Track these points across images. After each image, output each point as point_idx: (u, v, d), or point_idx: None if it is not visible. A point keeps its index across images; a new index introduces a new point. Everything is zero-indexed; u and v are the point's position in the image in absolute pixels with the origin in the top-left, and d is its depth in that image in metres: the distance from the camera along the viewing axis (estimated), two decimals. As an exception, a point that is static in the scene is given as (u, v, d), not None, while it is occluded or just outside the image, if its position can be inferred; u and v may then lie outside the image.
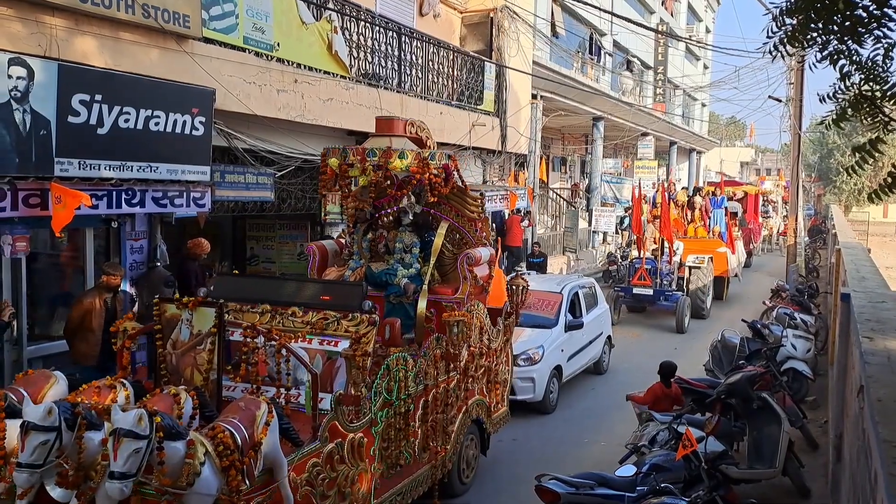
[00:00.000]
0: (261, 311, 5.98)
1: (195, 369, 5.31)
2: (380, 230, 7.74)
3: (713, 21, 45.69)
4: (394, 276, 7.43)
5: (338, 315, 5.83)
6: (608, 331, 12.78)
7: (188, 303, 5.38)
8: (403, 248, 7.59)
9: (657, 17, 32.76)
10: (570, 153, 30.01)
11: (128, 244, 8.87)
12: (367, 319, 5.76)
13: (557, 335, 10.71)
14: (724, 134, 68.21)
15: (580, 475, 6.22)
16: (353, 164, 6.97)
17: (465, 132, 15.37)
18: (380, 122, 7.48)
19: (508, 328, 8.32)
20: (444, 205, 7.72)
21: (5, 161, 6.92)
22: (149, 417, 4.10)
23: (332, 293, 6.24)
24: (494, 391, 8.00)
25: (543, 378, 10.05)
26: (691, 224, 20.46)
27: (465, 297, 7.36)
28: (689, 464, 6.17)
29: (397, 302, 7.38)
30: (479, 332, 7.45)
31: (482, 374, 7.65)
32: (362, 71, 12.15)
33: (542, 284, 11.84)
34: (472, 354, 7.33)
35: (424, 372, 6.53)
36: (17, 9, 6.97)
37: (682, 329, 15.61)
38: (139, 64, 8.15)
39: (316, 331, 5.82)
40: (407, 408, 6.27)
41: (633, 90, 30.39)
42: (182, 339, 5.39)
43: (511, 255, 18.28)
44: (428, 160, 6.96)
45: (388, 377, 6.01)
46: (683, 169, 39.30)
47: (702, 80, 39.23)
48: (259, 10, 9.82)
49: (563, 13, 23.17)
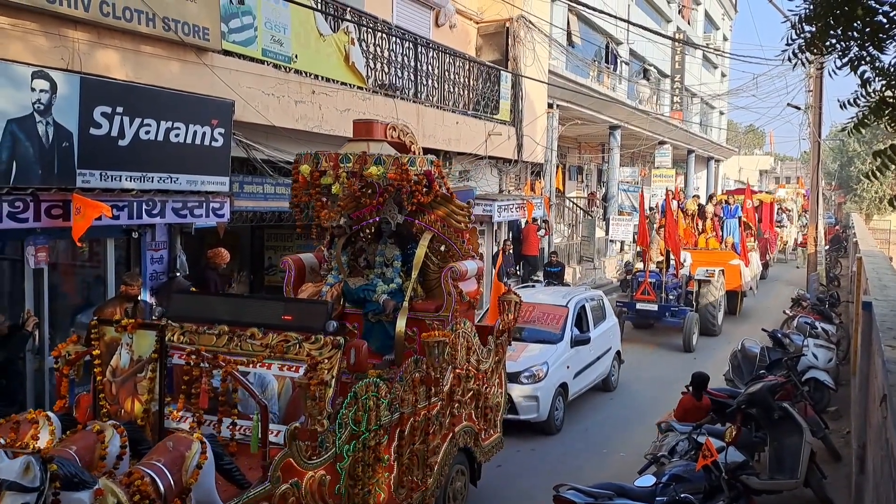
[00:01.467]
0: (218, 333, 5.46)
1: (135, 399, 4.85)
2: (359, 243, 7.23)
3: (730, 29, 45.53)
4: (373, 291, 6.88)
5: (300, 337, 5.28)
6: (617, 346, 12.26)
7: (127, 325, 4.91)
8: (384, 262, 7.06)
9: (674, 26, 32.70)
10: (586, 162, 29.93)
11: (148, 254, 8.95)
12: (331, 342, 5.20)
13: (563, 351, 10.21)
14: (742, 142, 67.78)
15: (598, 485, 6.17)
16: (326, 171, 6.44)
17: (481, 142, 15.41)
18: (357, 126, 6.90)
19: (501, 347, 7.64)
20: (429, 214, 7.13)
21: (29, 172, 7.03)
22: (41, 465, 3.40)
23: (295, 312, 5.66)
24: (485, 417, 7.37)
25: (548, 396, 9.55)
26: (702, 234, 19.46)
27: (450, 315, 6.76)
28: (710, 474, 6.11)
29: (376, 320, 6.84)
30: (466, 353, 6.82)
31: (470, 398, 7.02)
32: (379, 81, 12.22)
33: (547, 297, 11.41)
34: (458, 377, 6.69)
35: (400, 399, 5.92)
36: (40, 23, 7.09)
37: (690, 347, 14.70)
38: (160, 76, 8.25)
39: (276, 354, 5.26)
40: (378, 440, 5.64)
41: (650, 99, 30.31)
42: (122, 366, 4.91)
43: (528, 265, 18.25)
44: (407, 166, 6.38)
45: (356, 406, 5.39)
46: (701, 177, 39.08)
47: (719, 88, 39.07)
48: (277, 23, 9.92)
49: (578, 22, 23.18)
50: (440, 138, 13.95)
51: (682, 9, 34.35)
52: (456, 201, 7.18)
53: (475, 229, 7.55)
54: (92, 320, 5.21)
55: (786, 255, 32.57)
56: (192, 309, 5.92)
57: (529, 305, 10.64)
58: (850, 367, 10.62)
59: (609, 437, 9.76)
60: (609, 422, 10.43)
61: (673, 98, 31.79)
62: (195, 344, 5.30)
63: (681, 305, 15.37)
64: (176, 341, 5.43)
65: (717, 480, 6.06)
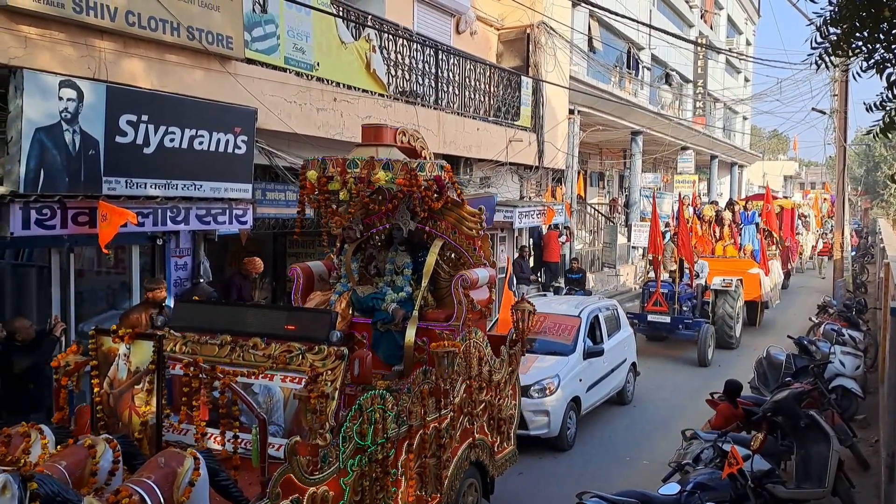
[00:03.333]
0: (220, 343, 5.33)
1: (133, 411, 4.72)
2: (369, 250, 7.07)
3: (754, 34, 45.17)
4: (382, 300, 6.68)
5: (303, 347, 5.12)
6: (633, 357, 11.80)
7: (124, 335, 4.79)
8: (394, 270, 6.86)
9: (696, 31, 32.52)
10: (608, 168, 29.82)
11: (172, 261, 9.04)
12: (335, 352, 5.01)
13: (575, 363, 9.84)
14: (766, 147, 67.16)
15: (622, 493, 6.12)
16: (333, 177, 6.23)
17: (502, 148, 15.41)
18: (366, 130, 6.68)
19: (514, 358, 7.40)
20: (440, 221, 7.00)
21: (56, 180, 7.14)
22: (21, 484, 3.24)
23: (298, 322, 5.47)
24: (498, 429, 7.14)
25: (559, 411, 9.19)
26: (720, 242, 18.65)
27: (461, 324, 6.55)
28: (735, 482, 6.03)
29: (385, 329, 6.63)
30: (478, 364, 6.61)
31: (483, 410, 6.80)
32: (400, 88, 12.27)
33: (559, 307, 11.06)
34: (469, 389, 6.51)
35: (408, 411, 5.70)
36: (68, 32, 7.21)
37: (705, 362, 13.94)
38: (184, 85, 8.35)
39: (278, 365, 5.10)
40: (385, 454, 5.44)
41: (673, 104, 30.15)
42: (120, 377, 4.79)
43: (549, 271, 18.20)
44: (417, 171, 6.16)
45: (361, 419, 5.18)
46: (725, 183, 38.78)
47: (743, 93, 38.74)
48: (300, 31, 10.01)
49: (600, 28, 23.14)
50: (461, 145, 13.97)
51: (704, 13, 34.15)
52: (468, 208, 7.00)
53: (487, 236, 7.17)
54: (90, 330, 5.12)
55: (802, 265, 30.75)
56: (195, 318, 5.76)
57: (540, 315, 10.33)
58: (878, 375, 10.46)
59: (632, 446, 9.68)
60: (631, 431, 10.35)
61: (696, 103, 31.57)
62: (197, 354, 5.19)
63: (696, 317, 14.67)
64: (178, 351, 5.33)
65: (743, 489, 5.99)
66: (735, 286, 15.70)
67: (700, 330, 14.19)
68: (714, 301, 15.43)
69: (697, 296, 15.16)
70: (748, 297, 16.71)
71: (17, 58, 6.81)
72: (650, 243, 15.27)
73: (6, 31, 6.73)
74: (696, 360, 14.06)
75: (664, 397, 11.93)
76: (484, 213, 6.97)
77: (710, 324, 14.74)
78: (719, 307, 15.44)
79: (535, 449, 9.14)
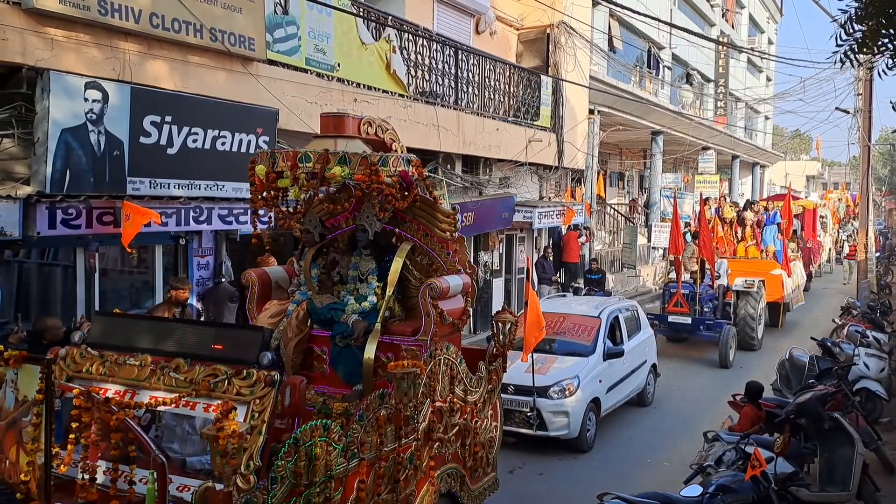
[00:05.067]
0: (140, 364, 4.58)
1: (21, 448, 4.10)
2: (332, 254, 6.31)
3: (776, 33, 44.73)
4: (342, 311, 5.91)
5: (230, 371, 4.35)
6: (653, 358, 11.67)
7: (10, 358, 4.17)
8: (358, 277, 6.08)
9: (717, 30, 32.26)
10: (628, 168, 29.67)
11: (195, 260, 9.13)
12: (265, 378, 4.25)
13: (595, 364, 9.72)
14: (788, 147, 66.47)
15: (643, 494, 6.09)
16: (283, 172, 5.45)
17: (522, 148, 15.39)
18: (325, 120, 5.86)
19: (495, 374, 6.53)
20: (411, 222, 6.25)
21: (81, 180, 7.24)
22: None
23: (225, 340, 4.70)
24: (474, 455, 6.30)
25: (579, 412, 9.09)
26: (741, 243, 18.46)
27: (429, 339, 5.78)
28: (758, 485, 5.98)
29: (344, 344, 5.84)
30: (449, 383, 5.82)
31: (456, 435, 5.99)
32: (420, 89, 12.30)
33: (579, 308, 10.89)
34: (438, 412, 5.70)
35: (360, 442, 4.88)
36: (93, 35, 7.31)
37: (726, 363, 13.77)
38: (207, 86, 8.43)
39: (200, 392, 4.28)
40: (329, 494, 4.62)
41: (694, 103, 29.92)
42: (7, 407, 4.20)
43: (568, 272, 18.15)
44: (378, 166, 5.33)
45: (297, 454, 4.33)
46: (746, 183, 38.41)
47: (765, 92, 38.38)
48: (321, 32, 10.06)
49: (620, 27, 23.03)
50: (480, 145, 13.98)
51: (725, 12, 33.87)
52: (441, 207, 6.25)
53: (462, 239, 6.44)
54: None
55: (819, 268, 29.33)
56: (116, 334, 4.96)
57: (560, 316, 10.46)
58: (903, 378, 10.32)
59: (652, 448, 9.62)
60: (652, 432, 10.27)
61: (717, 103, 31.30)
62: (115, 376, 4.54)
63: (717, 318, 14.63)
64: (94, 372, 4.63)
65: (766, 491, 5.93)
66: (757, 287, 15.58)
67: (721, 331, 14.08)
68: (736, 302, 15.31)
69: (719, 297, 15.07)
70: (770, 298, 16.57)
71: (43, 59, 6.92)
72: (671, 244, 15.20)
73: (33, 33, 6.84)
74: (718, 362, 13.96)
75: (686, 399, 11.84)
76: (458, 212, 6.32)
77: (731, 325, 14.62)
78: (741, 308, 15.33)
79: (554, 450, 9.12)
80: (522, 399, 8.98)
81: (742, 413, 8.02)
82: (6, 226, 6.80)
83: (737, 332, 14.68)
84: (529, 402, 8.90)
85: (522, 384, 8.92)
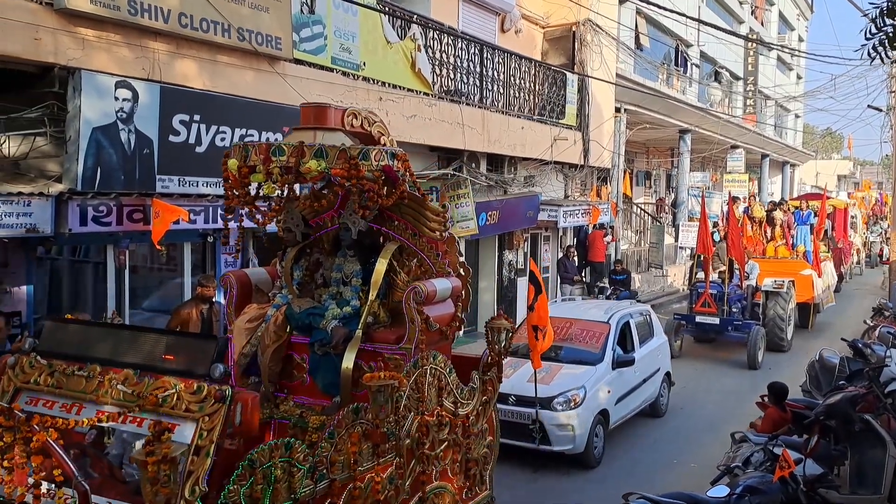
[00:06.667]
0: (88, 375, 4.17)
1: None
2: (315, 255, 5.88)
3: (806, 30, 44.04)
4: (321, 317, 5.43)
5: (179, 385, 3.95)
6: (667, 366, 11.03)
7: None
8: (342, 279, 5.63)
9: (746, 27, 31.87)
10: (655, 167, 29.42)
11: (222, 258, 9.23)
12: (215, 393, 3.85)
13: (603, 373, 9.15)
14: (819, 146, 65.46)
15: (669, 495, 6.03)
16: (256, 167, 5.03)
17: (547, 146, 15.33)
18: (305, 111, 5.37)
19: (489, 384, 5.95)
20: (399, 220, 5.80)
21: (112, 178, 7.36)
22: None
23: (177, 350, 4.28)
24: (466, 472, 5.81)
25: (585, 425, 8.54)
26: (770, 242, 18.02)
27: (413, 348, 5.29)
28: (787, 486, 5.90)
29: (323, 352, 5.37)
30: (436, 395, 5.34)
31: (445, 451, 5.48)
32: (444, 87, 12.31)
33: (586, 312, 10.28)
34: (425, 427, 5.22)
35: (329, 461, 4.41)
36: (123, 35, 7.42)
37: (755, 364, 13.60)
38: (234, 85, 8.52)
39: (146, 407, 3.86)
40: None
41: (722, 101, 29.58)
42: None
43: (594, 272, 18.06)
44: (358, 159, 4.87)
45: (253, 479, 3.91)
46: (776, 182, 37.90)
47: (795, 90, 37.84)
48: (346, 31, 10.12)
49: (647, 25, 22.85)
50: (505, 143, 13.95)
51: (755, 10, 33.44)
52: (430, 205, 5.80)
53: (453, 239, 5.96)
54: None
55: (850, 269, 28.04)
56: (67, 342, 4.52)
57: (566, 321, 9.92)
58: (937, 380, 10.10)
59: (679, 449, 9.54)
60: (679, 433, 10.19)
61: (746, 101, 30.91)
62: (62, 387, 4.17)
63: (745, 319, 14.47)
64: (42, 384, 4.23)
65: (795, 493, 5.85)
66: (787, 287, 15.44)
67: (750, 332, 13.95)
68: (765, 302, 15.18)
69: (748, 297, 14.92)
70: (800, 298, 16.37)
71: (75, 59, 7.04)
72: (699, 243, 15.13)
73: (65, 32, 6.96)
74: (746, 363, 13.84)
75: (712, 400, 11.72)
76: (447, 210, 6.03)
77: (760, 326, 14.48)
78: (770, 309, 15.19)
79: (558, 466, 8.62)
80: (524, 411, 8.49)
81: (766, 414, 7.93)
82: (39, 223, 6.92)
83: (766, 333, 14.56)
84: (531, 413, 8.42)
85: (524, 394, 8.49)
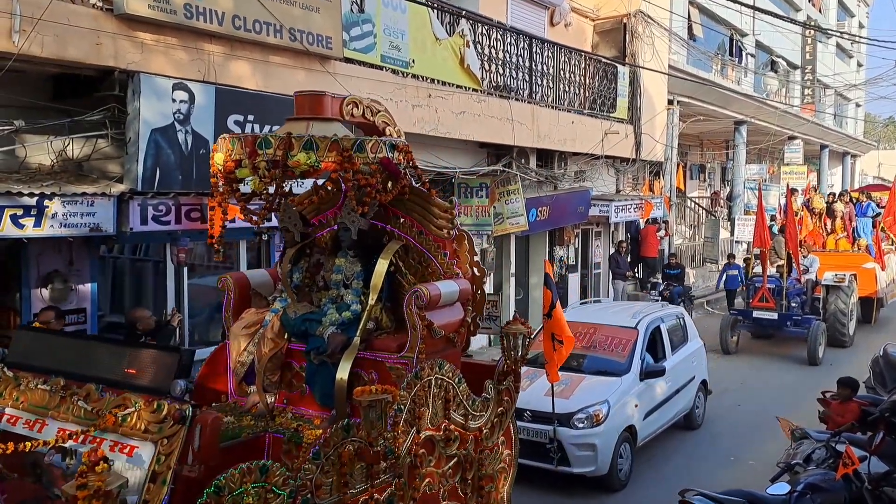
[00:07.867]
0: (51, 389, 3.89)
1: None
2: (316, 256, 5.43)
3: (867, 16, 42.56)
4: (318, 322, 4.96)
5: (140, 402, 3.62)
6: (703, 374, 10.22)
7: None
8: (343, 282, 5.15)
9: (804, 15, 30.96)
10: (709, 160, 28.83)
11: (276, 255, 9.39)
12: (174, 413, 3.51)
13: (630, 385, 8.34)
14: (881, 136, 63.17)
15: (728, 492, 5.93)
16: (242, 161, 4.65)
17: (598, 141, 15.16)
18: (299, 101, 4.93)
19: (506, 394, 5.36)
20: (404, 217, 5.36)
21: (170, 178, 7.56)
22: None
23: (138, 364, 3.91)
24: (479, 491, 5.21)
25: (609, 444, 7.74)
26: (831, 235, 17.63)
27: (415, 356, 4.78)
28: (850, 484, 5.74)
29: (319, 361, 4.87)
30: (443, 408, 4.81)
31: (454, 468, 4.95)
32: (493, 83, 12.29)
33: (612, 316, 9.44)
34: (429, 443, 4.73)
35: (314, 485, 3.92)
36: (180, 38, 7.61)
37: (815, 360, 13.33)
38: (286, 85, 8.64)
39: (105, 427, 3.57)
40: None
41: (779, 91, 28.81)
42: None
43: (646, 267, 17.82)
44: (352, 151, 4.45)
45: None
46: (836, 174, 36.73)
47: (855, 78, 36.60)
48: (395, 29, 10.18)
49: (700, 14, 22.40)
50: (555, 139, 13.85)
51: (812, -4, 32.49)
52: (436, 200, 5.30)
53: (463, 237, 5.39)
54: None
55: None
56: (36, 353, 4.22)
57: (590, 327, 9.11)
58: None
59: (737, 444, 9.36)
60: (737, 428, 10.00)
61: (804, 90, 30.05)
62: (27, 402, 3.90)
63: (805, 313, 14.17)
64: (7, 398, 3.99)
65: (859, 491, 5.69)
66: (848, 281, 15.04)
67: (810, 327, 13.66)
68: (825, 297, 14.87)
69: (807, 291, 14.61)
70: (862, 292, 15.98)
71: (134, 63, 7.24)
72: (756, 237, 14.87)
73: (124, 37, 7.17)
74: (806, 359, 13.54)
75: (771, 397, 11.47)
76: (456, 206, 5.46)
77: (820, 321, 14.16)
78: (831, 303, 14.88)
79: (580, 489, 7.90)
80: (541, 428, 7.73)
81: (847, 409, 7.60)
82: (101, 222, 7.15)
83: (826, 328, 14.24)
84: (549, 431, 7.67)
85: (541, 410, 7.73)
